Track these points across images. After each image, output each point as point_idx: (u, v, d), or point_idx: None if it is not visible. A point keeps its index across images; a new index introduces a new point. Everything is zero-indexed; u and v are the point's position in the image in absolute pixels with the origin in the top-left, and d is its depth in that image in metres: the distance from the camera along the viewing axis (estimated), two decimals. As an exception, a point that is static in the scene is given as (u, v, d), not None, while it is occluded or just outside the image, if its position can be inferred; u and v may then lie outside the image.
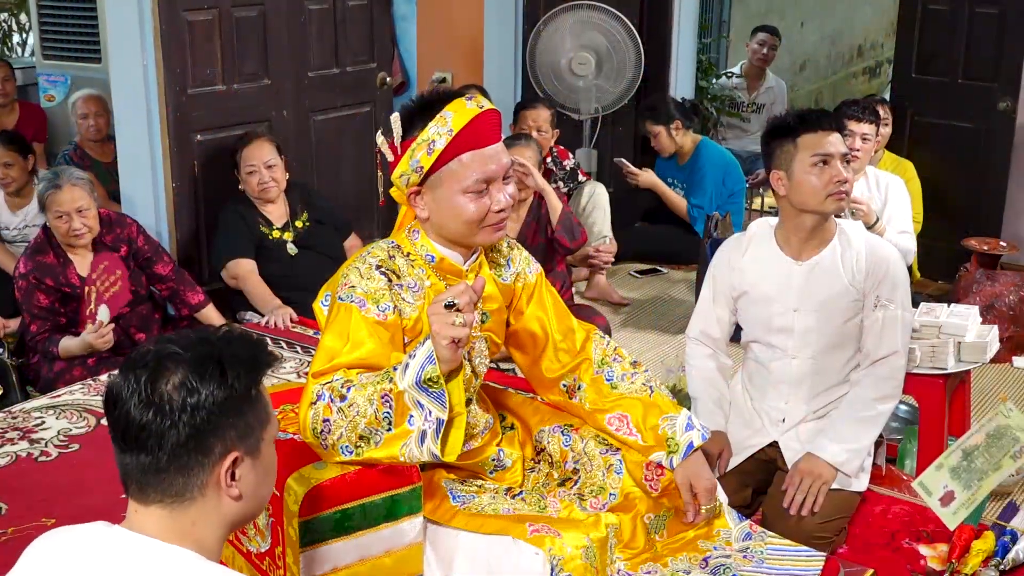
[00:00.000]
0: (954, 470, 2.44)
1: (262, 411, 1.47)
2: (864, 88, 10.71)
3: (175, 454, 1.38)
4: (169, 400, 1.37)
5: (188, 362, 1.40)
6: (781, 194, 2.62)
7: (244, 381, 1.43)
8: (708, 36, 7.14)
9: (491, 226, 2.13)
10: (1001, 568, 2.41)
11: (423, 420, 1.88)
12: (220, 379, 1.40)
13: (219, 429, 1.40)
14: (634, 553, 2.25)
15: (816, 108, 2.69)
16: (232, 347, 1.44)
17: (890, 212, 3.97)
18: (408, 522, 2.04)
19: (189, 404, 1.38)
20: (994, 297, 4.13)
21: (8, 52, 7.09)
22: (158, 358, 1.40)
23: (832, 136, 2.57)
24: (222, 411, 1.39)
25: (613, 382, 2.34)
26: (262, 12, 4.50)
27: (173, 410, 1.37)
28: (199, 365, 1.40)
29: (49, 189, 3.68)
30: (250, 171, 4.18)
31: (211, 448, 1.40)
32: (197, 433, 1.38)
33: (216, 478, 1.41)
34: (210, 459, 1.40)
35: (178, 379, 1.38)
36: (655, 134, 5.25)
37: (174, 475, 1.39)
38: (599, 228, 4.83)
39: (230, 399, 1.40)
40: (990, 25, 4.84)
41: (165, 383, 1.38)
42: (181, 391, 1.38)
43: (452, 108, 2.07)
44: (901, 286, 2.61)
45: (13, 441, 3.12)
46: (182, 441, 1.38)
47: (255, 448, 1.45)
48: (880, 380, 2.60)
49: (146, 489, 1.41)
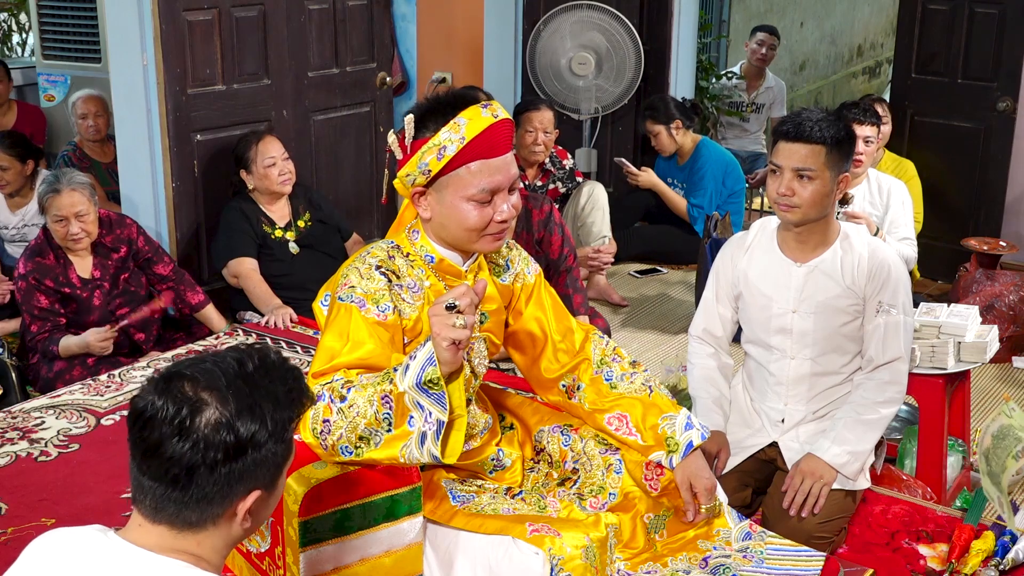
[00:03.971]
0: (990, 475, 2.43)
1: (289, 448, 1.44)
2: (864, 88, 10.72)
3: (200, 491, 1.35)
4: (205, 438, 1.33)
5: (228, 400, 1.35)
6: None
7: (281, 423, 1.39)
8: (708, 36, 7.14)
9: (492, 235, 2.13)
10: (1001, 568, 2.41)
11: (423, 421, 1.88)
12: (260, 422, 1.36)
13: (248, 471, 1.37)
14: (634, 553, 2.26)
15: (795, 113, 2.63)
16: (272, 383, 1.39)
17: (891, 218, 3.93)
18: (408, 522, 2.04)
19: (225, 445, 1.34)
20: (994, 297, 4.13)
21: (8, 52, 7.09)
22: (196, 389, 1.35)
23: (793, 146, 2.53)
24: (255, 454, 1.36)
25: (612, 382, 2.34)
26: (262, 12, 4.51)
27: (208, 449, 1.33)
28: (239, 404, 1.35)
29: (49, 192, 3.68)
30: (270, 164, 4.17)
31: (237, 488, 1.37)
32: (227, 475, 1.35)
33: (233, 511, 1.39)
34: (231, 498, 1.37)
35: (216, 418, 1.34)
36: (655, 133, 5.25)
37: (193, 507, 1.36)
38: (598, 228, 4.83)
39: (266, 443, 1.37)
40: (990, 25, 4.85)
41: (203, 420, 1.33)
42: (220, 432, 1.34)
43: (467, 115, 2.06)
44: (903, 291, 2.61)
45: (13, 441, 3.12)
46: (211, 481, 1.34)
47: (274, 483, 1.43)
48: (883, 384, 2.60)
49: (160, 512, 1.37)
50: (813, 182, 2.52)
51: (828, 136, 2.51)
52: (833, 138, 2.51)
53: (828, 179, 2.53)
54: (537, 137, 4.75)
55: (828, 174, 2.52)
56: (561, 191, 4.99)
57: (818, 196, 2.53)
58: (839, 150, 2.53)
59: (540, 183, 4.96)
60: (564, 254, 3.97)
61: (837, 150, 2.53)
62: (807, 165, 2.52)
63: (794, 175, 2.53)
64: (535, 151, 4.78)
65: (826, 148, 2.51)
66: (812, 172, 2.52)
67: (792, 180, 2.53)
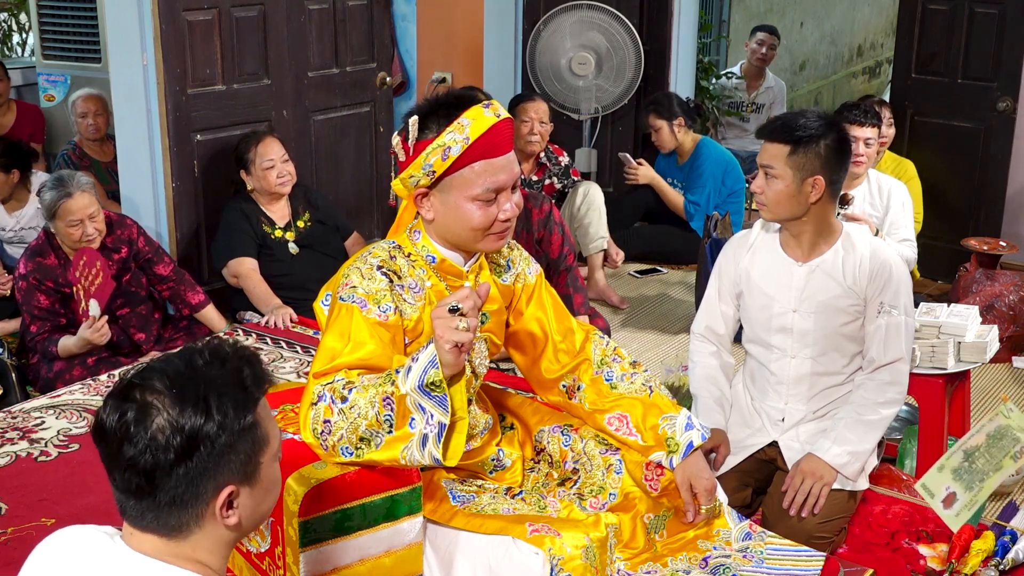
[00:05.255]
0: (956, 471, 2.43)
1: (259, 435, 1.40)
2: (864, 88, 10.71)
3: (167, 494, 1.34)
4: (153, 441, 1.32)
5: (172, 400, 1.33)
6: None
7: (233, 414, 1.36)
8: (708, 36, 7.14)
9: (495, 234, 2.13)
10: (1001, 568, 2.41)
11: (425, 424, 1.88)
12: (205, 416, 1.34)
13: (209, 468, 1.35)
14: (634, 553, 2.26)
15: (777, 117, 2.66)
16: (218, 377, 1.37)
17: (891, 219, 3.93)
18: (408, 522, 2.04)
19: (175, 446, 1.32)
20: (994, 297, 4.13)
21: (8, 52, 7.09)
22: (142, 394, 1.34)
23: (765, 145, 2.59)
24: (211, 448, 1.34)
25: (612, 382, 2.34)
26: (262, 12, 4.51)
27: (157, 451, 1.32)
28: (183, 403, 1.33)
29: (61, 199, 3.67)
30: (268, 166, 4.18)
31: (204, 487, 1.35)
32: (187, 474, 1.33)
33: (212, 511, 1.37)
34: (204, 497, 1.36)
35: (162, 420, 1.33)
36: (657, 128, 5.24)
37: (169, 512, 1.35)
38: (595, 229, 4.82)
39: (219, 435, 1.34)
40: (990, 25, 4.84)
41: (149, 424, 1.32)
42: (166, 432, 1.32)
43: (470, 115, 2.06)
44: (904, 292, 2.61)
45: (13, 441, 3.12)
46: (172, 483, 1.33)
47: (252, 475, 1.40)
48: (884, 384, 2.60)
49: (142, 520, 1.37)
50: (776, 181, 2.56)
51: (793, 136, 2.52)
52: (799, 139, 2.52)
53: (792, 179, 2.53)
54: (533, 127, 4.75)
55: (792, 174, 2.53)
56: (557, 187, 4.99)
57: (781, 195, 2.55)
58: (806, 151, 2.53)
59: (536, 178, 4.96)
60: (564, 253, 3.97)
61: (804, 151, 2.52)
62: (770, 163, 2.57)
63: (763, 173, 2.59)
64: (531, 141, 4.78)
65: (789, 148, 2.53)
66: (774, 171, 2.56)
67: (762, 177, 2.59)
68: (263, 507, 1.46)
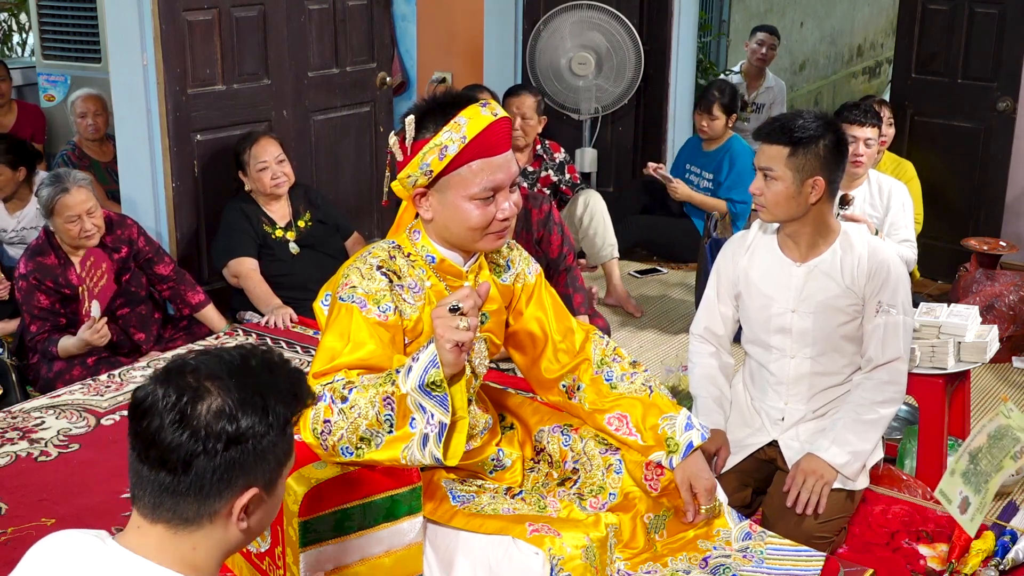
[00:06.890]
0: (965, 475, 2.42)
1: (290, 448, 1.43)
2: (864, 88, 10.71)
3: (198, 480, 1.34)
4: (206, 426, 1.33)
5: (230, 389, 1.35)
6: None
7: (282, 417, 1.39)
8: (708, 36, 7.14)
9: (494, 233, 2.13)
10: (1001, 568, 2.41)
11: (425, 423, 1.88)
12: (261, 413, 1.36)
13: (246, 465, 1.36)
14: (634, 553, 2.26)
15: (774, 119, 2.66)
16: (275, 378, 1.40)
17: (891, 220, 3.92)
18: (408, 522, 2.04)
19: (226, 434, 1.33)
20: (994, 297, 4.13)
21: (8, 52, 7.09)
22: (198, 378, 1.35)
23: (763, 147, 2.58)
24: (255, 446, 1.36)
25: (612, 382, 2.34)
26: (262, 12, 4.51)
27: (208, 437, 1.33)
28: (241, 394, 1.35)
29: (58, 194, 3.67)
30: (262, 168, 4.18)
31: (235, 481, 1.36)
32: (226, 464, 1.34)
33: (229, 509, 1.38)
34: (231, 492, 1.37)
35: (218, 405, 1.34)
36: (716, 118, 5.19)
37: (191, 500, 1.35)
38: (601, 238, 4.78)
39: (266, 435, 1.37)
40: (990, 25, 4.84)
41: (204, 407, 1.33)
42: (221, 419, 1.33)
43: (467, 114, 2.06)
44: (902, 291, 2.61)
45: (13, 441, 3.12)
46: (210, 470, 1.34)
47: (273, 484, 1.42)
48: (882, 384, 2.60)
49: (158, 508, 1.37)
50: (776, 182, 2.56)
51: (792, 138, 2.52)
52: (798, 140, 2.52)
53: (792, 180, 2.53)
54: (515, 122, 4.73)
55: (792, 175, 2.53)
56: (553, 179, 4.99)
57: (781, 197, 2.55)
58: (806, 152, 2.53)
59: (532, 168, 4.96)
60: (563, 253, 3.97)
61: (803, 152, 2.53)
62: (769, 165, 2.56)
63: (762, 174, 2.58)
64: (514, 135, 4.77)
65: (788, 149, 2.53)
66: (773, 172, 2.56)
67: (761, 179, 2.58)
68: (267, 520, 1.47)
